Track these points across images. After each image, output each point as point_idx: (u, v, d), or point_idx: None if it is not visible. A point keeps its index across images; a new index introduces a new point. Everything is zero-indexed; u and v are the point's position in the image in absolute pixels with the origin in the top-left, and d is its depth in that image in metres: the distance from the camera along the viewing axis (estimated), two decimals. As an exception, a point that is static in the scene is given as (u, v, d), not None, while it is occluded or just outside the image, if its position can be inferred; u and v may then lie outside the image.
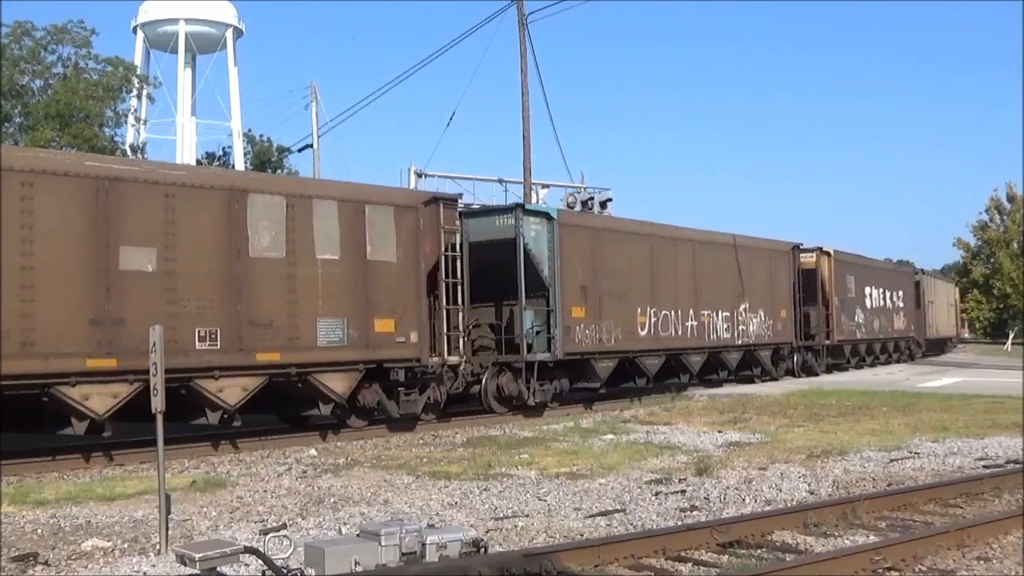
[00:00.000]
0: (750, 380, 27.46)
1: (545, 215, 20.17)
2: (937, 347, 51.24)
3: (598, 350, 20.91)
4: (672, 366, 24.07)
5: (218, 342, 14.43)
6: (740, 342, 26.35)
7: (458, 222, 18.23)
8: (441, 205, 17.57)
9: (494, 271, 19.38)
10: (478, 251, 19.35)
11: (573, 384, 21.18)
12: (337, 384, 15.94)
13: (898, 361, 40.50)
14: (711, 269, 25.37)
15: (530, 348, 19.42)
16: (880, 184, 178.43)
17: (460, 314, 18.03)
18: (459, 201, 17.93)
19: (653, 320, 22.72)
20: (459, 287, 18.01)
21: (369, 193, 17.18)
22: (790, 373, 29.84)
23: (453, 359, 17.85)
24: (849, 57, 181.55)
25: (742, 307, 26.41)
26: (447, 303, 17.74)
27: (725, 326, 25.59)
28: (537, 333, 19.70)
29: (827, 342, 32.16)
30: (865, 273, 36.33)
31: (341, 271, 16.01)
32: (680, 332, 23.74)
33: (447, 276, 17.75)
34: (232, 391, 14.65)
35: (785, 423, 17.48)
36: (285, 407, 16.62)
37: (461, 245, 18.67)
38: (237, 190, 14.99)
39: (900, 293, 40.91)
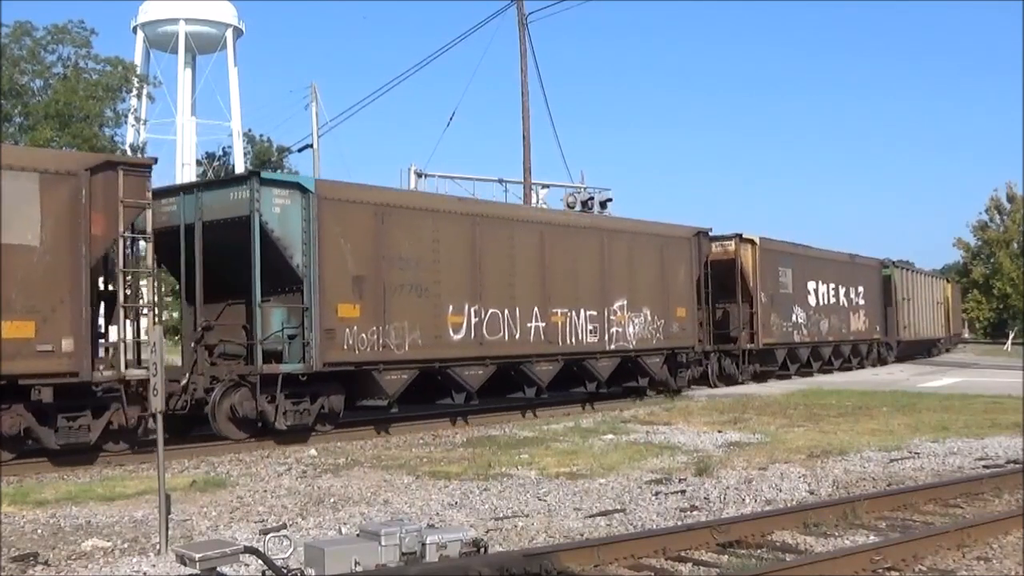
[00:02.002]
0: (639, 393, 23.06)
1: (296, 186, 15.82)
2: (919, 350, 45.44)
3: (382, 359, 16.51)
4: (513, 377, 19.71)
5: None
6: (613, 347, 21.43)
7: (150, 194, 14.04)
8: (120, 173, 13.56)
9: (240, 259, 15.39)
10: (217, 233, 15.71)
11: (359, 400, 17.26)
12: None
13: (860, 366, 35.72)
14: (568, 258, 20.50)
15: (280, 356, 15.64)
16: (880, 184, 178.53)
17: (153, 315, 14.65)
18: (152, 168, 14.21)
19: (475, 321, 18.17)
20: (153, 280, 14.43)
21: None
22: (699, 382, 25.39)
23: (137, 372, 13.78)
24: (849, 57, 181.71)
25: (616, 305, 21.57)
26: (128, 300, 14.17)
27: (591, 328, 20.81)
28: (291, 338, 15.71)
29: (750, 346, 27.36)
30: (807, 265, 31.37)
31: None
32: (518, 335, 19.08)
33: (130, 264, 14.12)
34: None
35: (785, 423, 17.48)
36: None
37: (191, 226, 15.71)
38: None
39: (860, 289, 35.72)
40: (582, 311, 20.74)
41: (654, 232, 23.50)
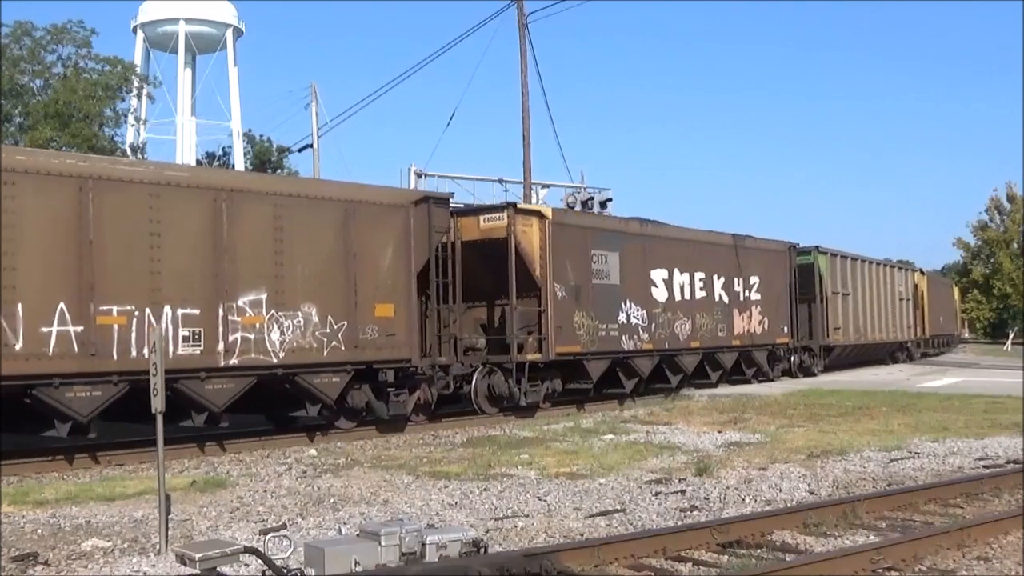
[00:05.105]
0: (300, 429, 16.58)
1: None
2: (871, 356, 37.12)
3: None
4: (33, 408, 13.45)
5: None
6: (236, 361, 14.73)
7: None
8: None
9: None
10: None
11: None
12: None
13: (763, 378, 27.78)
14: (140, 229, 13.93)
15: None
16: (880, 184, 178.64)
17: None
18: None
19: None
20: None
21: None
22: (462, 409, 19.21)
23: None
24: (849, 57, 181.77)
25: (245, 299, 14.91)
26: None
27: (187, 333, 14.23)
28: None
29: (535, 357, 19.61)
30: (652, 248, 23.22)
31: None
32: (21, 346, 12.82)
33: None
34: None
35: (785, 423, 17.48)
36: None
37: None
38: None
39: (753, 280, 27.23)
40: (168, 308, 14.14)
41: (328, 196, 16.47)
